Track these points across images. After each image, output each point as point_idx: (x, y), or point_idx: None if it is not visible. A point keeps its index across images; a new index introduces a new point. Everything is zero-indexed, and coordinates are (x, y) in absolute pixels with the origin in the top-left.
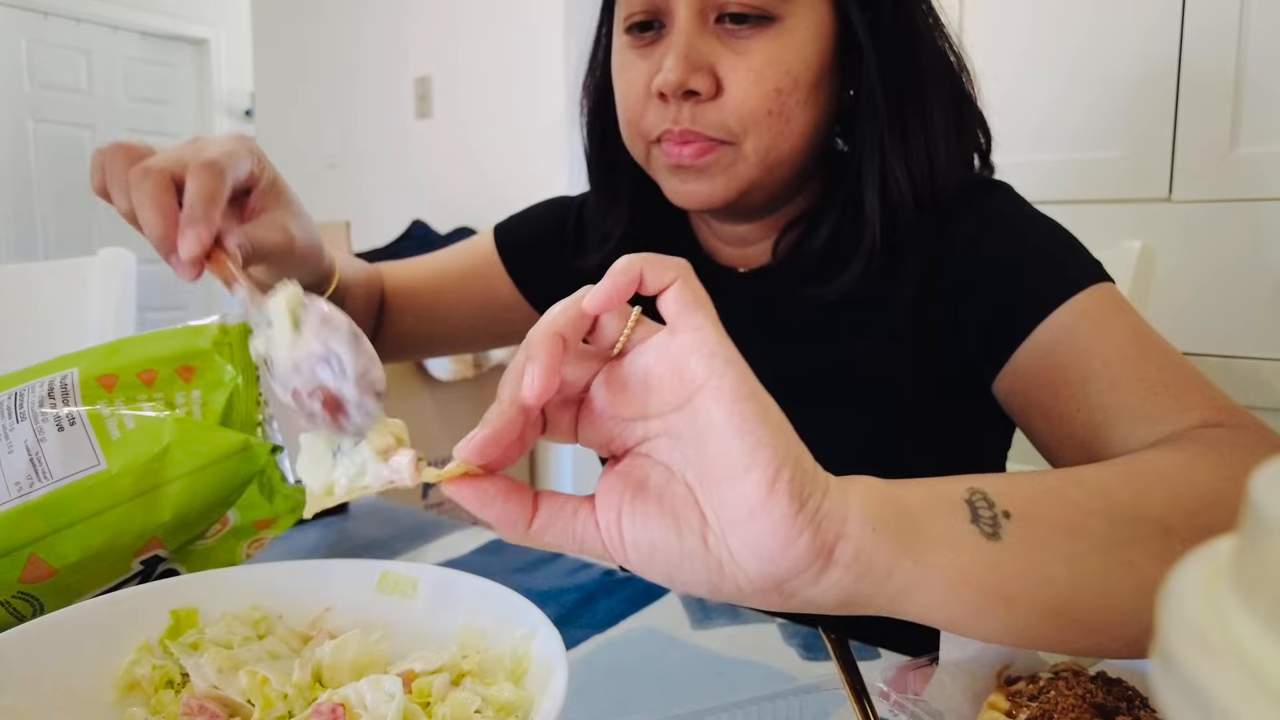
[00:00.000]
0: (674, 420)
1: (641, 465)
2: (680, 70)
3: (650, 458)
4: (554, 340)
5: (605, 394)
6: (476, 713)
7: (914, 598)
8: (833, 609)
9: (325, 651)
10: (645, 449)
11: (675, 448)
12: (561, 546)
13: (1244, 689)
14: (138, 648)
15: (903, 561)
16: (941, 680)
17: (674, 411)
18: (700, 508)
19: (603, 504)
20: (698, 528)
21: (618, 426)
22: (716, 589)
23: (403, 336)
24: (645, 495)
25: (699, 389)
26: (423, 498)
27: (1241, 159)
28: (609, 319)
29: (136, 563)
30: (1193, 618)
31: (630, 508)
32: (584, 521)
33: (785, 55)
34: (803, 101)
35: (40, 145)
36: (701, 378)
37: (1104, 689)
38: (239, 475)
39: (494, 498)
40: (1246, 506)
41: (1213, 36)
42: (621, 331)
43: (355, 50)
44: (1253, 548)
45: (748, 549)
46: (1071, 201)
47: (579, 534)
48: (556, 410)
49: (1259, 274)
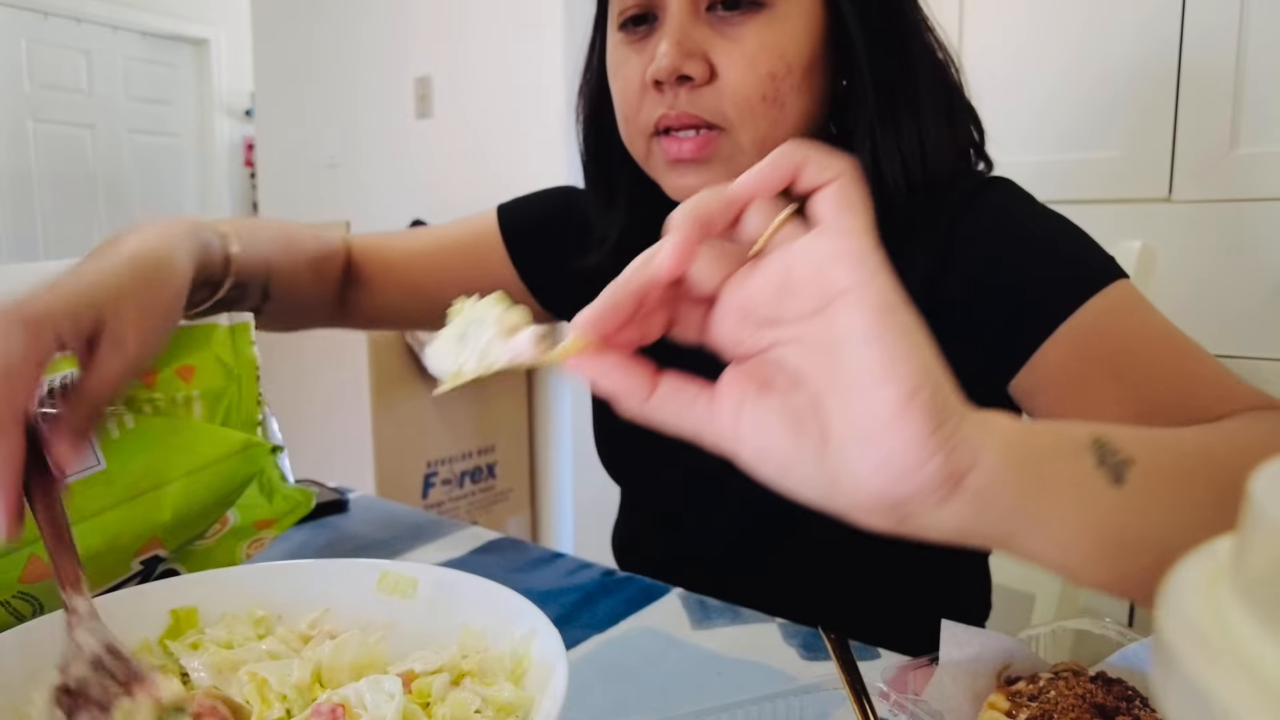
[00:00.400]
0: (808, 327)
1: (767, 368)
2: (674, 55)
3: (776, 363)
4: (695, 220)
5: (740, 294)
6: (476, 713)
7: (1033, 537)
8: (944, 537)
9: (325, 651)
10: (774, 354)
11: (805, 356)
12: (677, 426)
13: (1243, 688)
14: (138, 647)
15: (1029, 500)
16: (941, 680)
17: (810, 317)
18: (821, 420)
19: (725, 395)
20: (816, 439)
21: (748, 329)
22: (825, 499)
23: (385, 310)
24: (769, 395)
25: (841, 295)
26: (423, 498)
27: (1241, 159)
28: (754, 214)
29: (136, 563)
30: (1193, 617)
31: (752, 405)
32: (703, 407)
33: (778, 40)
34: (796, 87)
35: (40, 145)
36: (845, 284)
37: (1104, 689)
38: (239, 475)
39: (612, 369)
40: (1246, 506)
41: (1213, 36)
42: (764, 230)
43: (355, 50)
44: (1252, 548)
45: (871, 466)
46: (1071, 201)
47: (696, 417)
48: (686, 307)
49: (1259, 274)
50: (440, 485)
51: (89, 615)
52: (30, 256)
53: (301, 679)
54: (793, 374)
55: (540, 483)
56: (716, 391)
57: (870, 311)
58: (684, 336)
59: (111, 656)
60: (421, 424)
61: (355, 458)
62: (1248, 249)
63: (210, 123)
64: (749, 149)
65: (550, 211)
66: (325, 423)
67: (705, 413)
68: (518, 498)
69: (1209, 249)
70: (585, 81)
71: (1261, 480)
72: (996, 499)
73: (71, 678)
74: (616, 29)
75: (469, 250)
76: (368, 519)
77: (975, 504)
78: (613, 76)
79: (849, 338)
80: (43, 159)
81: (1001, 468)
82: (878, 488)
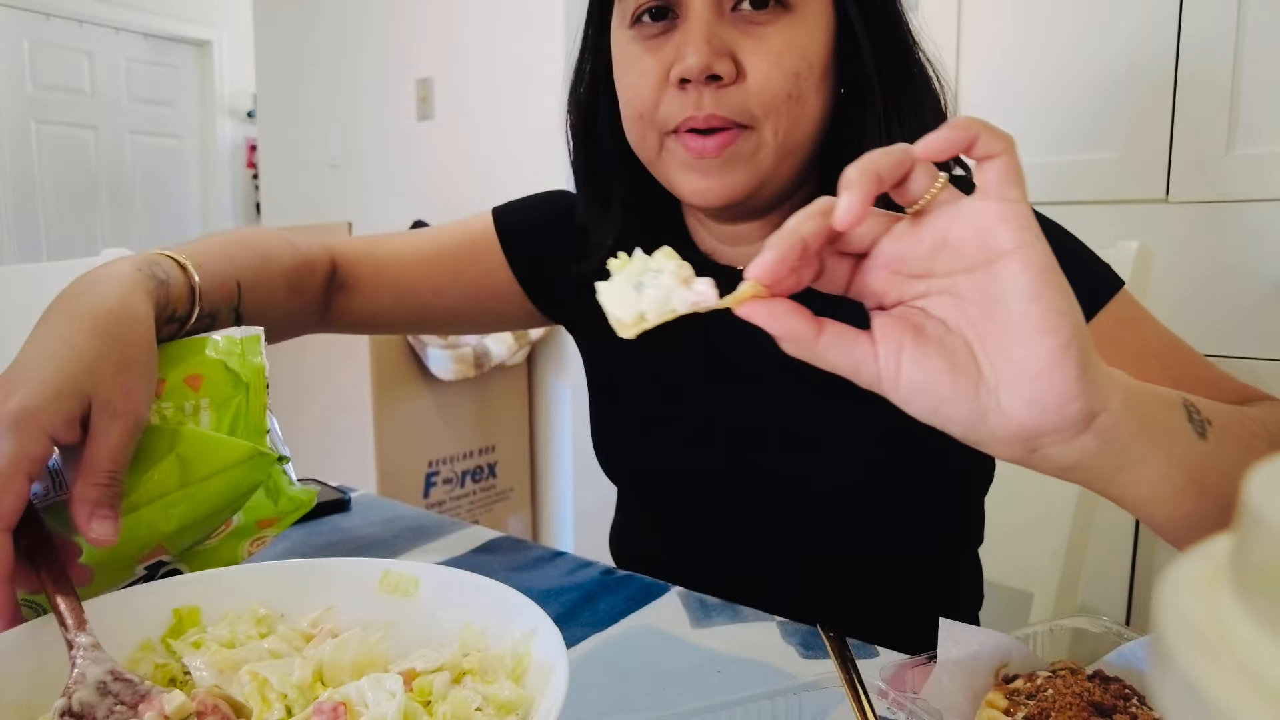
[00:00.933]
0: (961, 281)
1: (916, 315)
2: (705, 54)
3: (924, 311)
4: (872, 176)
5: (895, 248)
6: (477, 711)
7: (1133, 474)
8: (1059, 470)
9: (326, 650)
10: (921, 304)
11: (956, 306)
12: (838, 365)
13: (1241, 688)
14: (140, 646)
15: (1140, 440)
16: (940, 679)
17: (965, 273)
18: (978, 362)
19: (884, 338)
20: (972, 378)
21: (897, 281)
22: (971, 431)
23: (376, 315)
24: (925, 339)
25: (1004, 255)
26: (424, 497)
27: (1239, 160)
28: (920, 176)
29: (140, 568)
30: (1190, 617)
31: (912, 346)
32: (865, 349)
33: (801, 41)
34: (815, 87)
35: (43, 146)
36: (1010, 245)
37: (1101, 687)
38: (245, 484)
39: (783, 314)
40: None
41: (1209, 38)
42: (929, 190)
43: (357, 52)
44: (1249, 547)
45: (1023, 403)
46: (1069, 202)
47: (857, 357)
48: (834, 260)
49: (1256, 274)
50: (441, 485)
51: (91, 647)
52: (33, 257)
53: (302, 678)
54: (943, 322)
55: (541, 482)
56: (874, 336)
57: (1035, 271)
58: (830, 287)
59: (116, 681)
60: (423, 424)
61: (357, 457)
62: (1245, 249)
63: (212, 124)
64: (770, 144)
65: (547, 215)
66: (327, 422)
67: (867, 353)
68: (518, 497)
69: (1206, 249)
70: (576, 83)
71: (1258, 480)
72: (1116, 437)
73: (76, 701)
74: (626, 26)
75: (464, 253)
76: (369, 518)
77: (1099, 440)
78: (622, 73)
79: (1014, 293)
80: (45, 160)
81: (1124, 410)
82: (1024, 422)
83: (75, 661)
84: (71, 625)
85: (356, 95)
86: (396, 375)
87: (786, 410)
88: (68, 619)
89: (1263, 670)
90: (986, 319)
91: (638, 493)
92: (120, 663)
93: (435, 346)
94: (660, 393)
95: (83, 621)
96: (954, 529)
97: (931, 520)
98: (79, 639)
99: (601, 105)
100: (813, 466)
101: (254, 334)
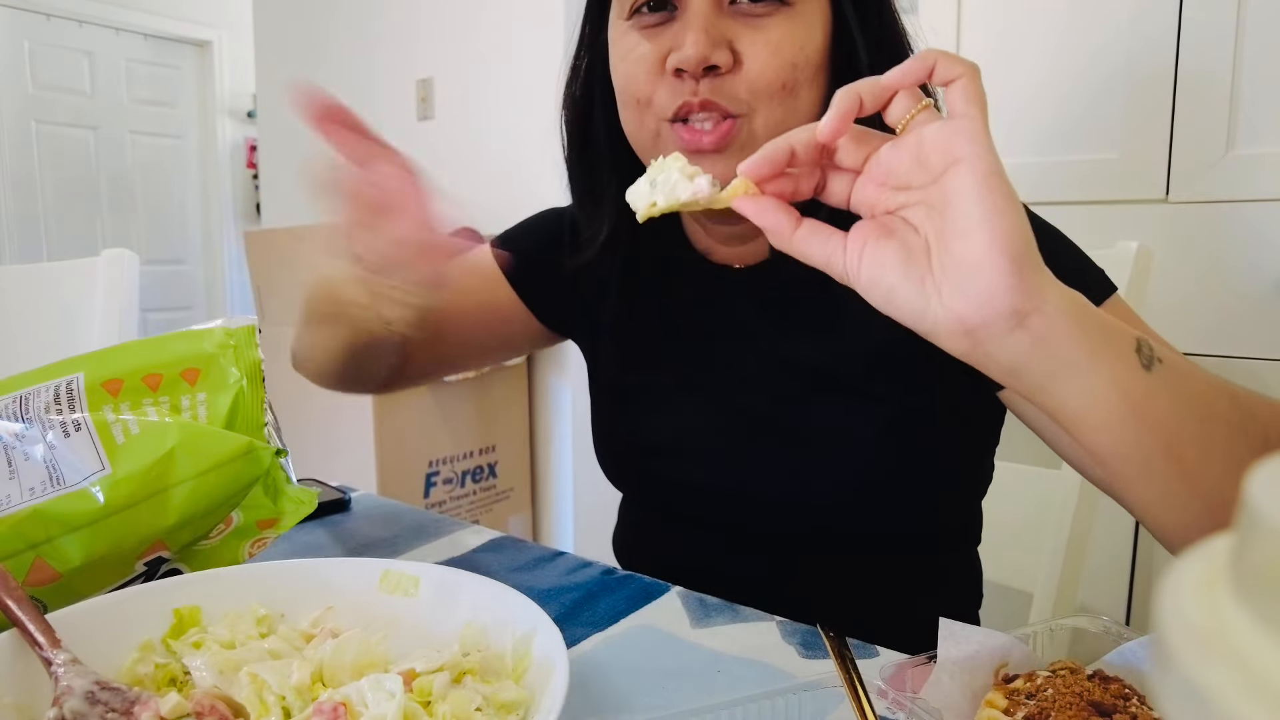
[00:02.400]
0: (931, 191)
1: (893, 220)
2: (703, 44)
3: (902, 218)
4: (853, 97)
5: (882, 165)
6: (477, 710)
7: (1069, 385)
8: (1002, 373)
9: (327, 650)
10: (902, 213)
11: (925, 212)
12: (812, 256)
13: (1241, 688)
14: (140, 646)
15: (1076, 350)
16: (939, 678)
17: (933, 183)
18: (930, 258)
19: (854, 236)
20: (922, 271)
21: (884, 193)
22: (918, 319)
23: (415, 367)
24: (889, 238)
25: (958, 160)
26: (424, 497)
27: (1238, 160)
28: (901, 100)
29: (140, 564)
30: (1191, 617)
31: (874, 243)
32: (835, 244)
33: (799, 35)
34: (810, 80)
35: (44, 147)
36: (963, 153)
37: (1101, 686)
38: (243, 478)
39: (767, 209)
40: (1243, 505)
41: (1209, 38)
42: (909, 111)
43: (357, 52)
44: (1250, 547)
45: (959, 294)
46: (1068, 202)
47: (829, 250)
48: (834, 175)
49: (1255, 274)
50: (442, 484)
51: (70, 663)
52: (34, 257)
53: (301, 681)
54: (912, 226)
55: (541, 482)
56: (848, 235)
57: (979, 174)
58: (831, 200)
59: (104, 690)
60: (423, 424)
61: (357, 457)
62: (1244, 249)
63: (213, 124)
64: (762, 135)
65: (545, 236)
66: (327, 422)
67: (837, 248)
68: (518, 497)
69: (1205, 249)
70: (572, 79)
71: (1258, 479)
72: (1051, 341)
73: (69, 710)
74: (624, 18)
75: (475, 289)
76: (370, 518)
77: (1033, 340)
78: (619, 62)
79: (959, 193)
80: (46, 160)
81: (1061, 316)
82: (960, 312)
83: (57, 676)
84: (45, 644)
85: (357, 95)
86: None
87: (787, 413)
88: (39, 638)
89: (1263, 670)
90: (941, 219)
91: (640, 496)
92: (102, 673)
93: None
94: (661, 398)
95: (56, 640)
96: (953, 529)
97: (931, 520)
98: (56, 656)
99: (597, 100)
100: (813, 469)
101: (249, 326)
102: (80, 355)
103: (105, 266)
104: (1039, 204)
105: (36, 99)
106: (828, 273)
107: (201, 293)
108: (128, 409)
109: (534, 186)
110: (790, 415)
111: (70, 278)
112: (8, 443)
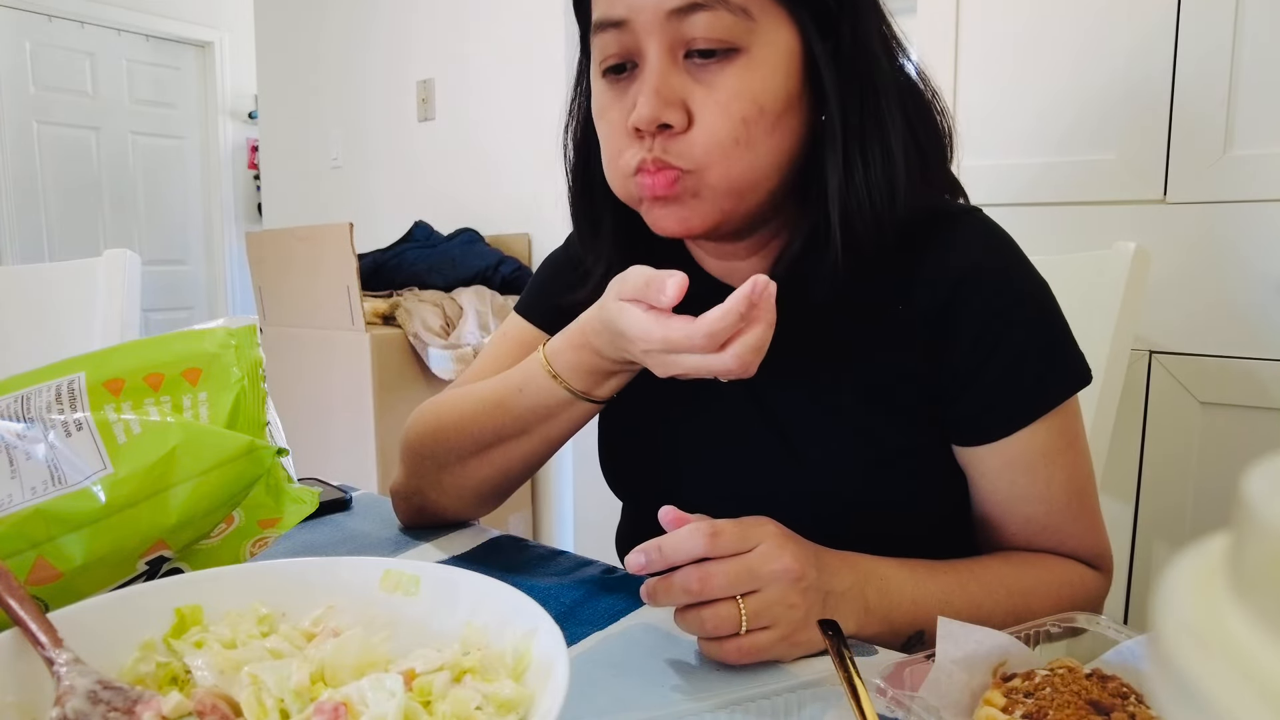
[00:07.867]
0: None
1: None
2: (653, 106)
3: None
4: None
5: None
6: (477, 709)
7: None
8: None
9: (327, 650)
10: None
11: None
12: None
13: (1238, 686)
14: (142, 645)
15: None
16: (938, 677)
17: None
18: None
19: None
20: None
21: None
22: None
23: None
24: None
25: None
26: None
27: (1236, 161)
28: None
29: (141, 563)
30: (1188, 616)
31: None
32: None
33: (751, 86)
34: (769, 130)
35: (45, 147)
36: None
37: (1099, 685)
38: (245, 477)
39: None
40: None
41: (1207, 39)
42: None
43: (358, 53)
44: (1246, 546)
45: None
46: (1067, 203)
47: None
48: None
49: (1254, 275)
50: None
51: (73, 662)
52: (35, 258)
53: (300, 682)
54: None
55: (541, 482)
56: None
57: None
58: None
59: (106, 689)
60: None
61: (358, 456)
62: (1242, 250)
63: (214, 125)
64: (719, 187)
65: (561, 286)
66: (328, 421)
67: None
68: (519, 496)
69: (1203, 250)
70: (571, 120)
71: (1255, 480)
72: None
73: (71, 710)
74: (599, 76)
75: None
76: (371, 517)
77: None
78: (598, 120)
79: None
80: (47, 161)
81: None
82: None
83: (59, 675)
84: (47, 643)
85: (358, 96)
86: (397, 375)
87: (789, 424)
88: (41, 638)
89: (1260, 669)
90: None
91: (645, 508)
92: (105, 673)
93: (436, 346)
94: (665, 411)
95: (58, 639)
96: (952, 530)
97: (929, 522)
98: (58, 655)
99: (593, 143)
100: (809, 478)
101: (250, 325)
102: (81, 355)
103: (106, 267)
104: (1037, 204)
105: (38, 99)
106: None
107: (203, 293)
108: (129, 408)
109: (533, 186)
110: (793, 429)
111: (72, 278)
112: (9, 442)
